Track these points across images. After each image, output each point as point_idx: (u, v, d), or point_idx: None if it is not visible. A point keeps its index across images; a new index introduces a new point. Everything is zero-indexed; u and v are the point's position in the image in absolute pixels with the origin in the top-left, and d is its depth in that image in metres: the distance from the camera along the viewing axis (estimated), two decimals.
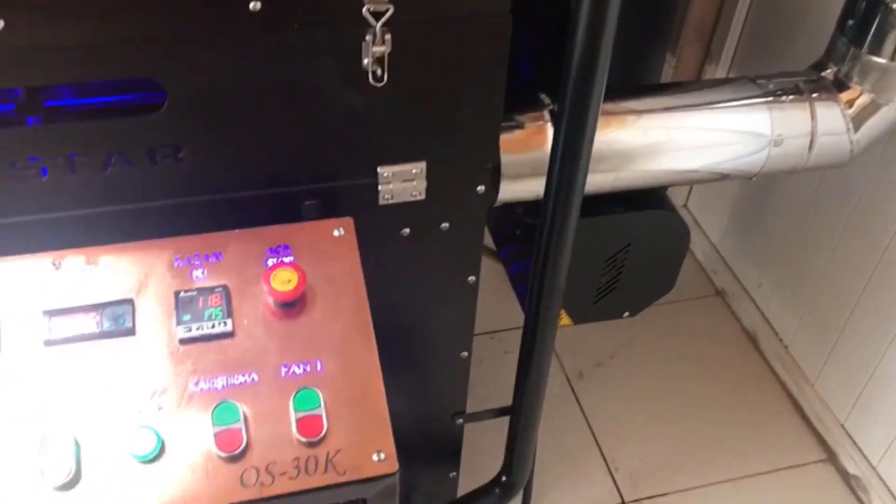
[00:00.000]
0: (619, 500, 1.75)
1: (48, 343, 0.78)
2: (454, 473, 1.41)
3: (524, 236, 1.39)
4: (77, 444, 0.74)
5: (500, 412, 1.27)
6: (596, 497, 1.75)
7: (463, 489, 1.45)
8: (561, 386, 1.95)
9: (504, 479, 1.35)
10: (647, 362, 2.01)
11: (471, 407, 1.32)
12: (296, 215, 0.90)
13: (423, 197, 0.96)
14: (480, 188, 0.99)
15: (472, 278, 1.09)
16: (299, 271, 0.82)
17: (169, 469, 0.75)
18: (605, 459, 1.82)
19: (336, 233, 0.88)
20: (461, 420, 1.29)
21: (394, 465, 0.78)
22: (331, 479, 0.76)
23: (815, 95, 1.23)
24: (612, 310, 1.43)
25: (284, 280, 0.81)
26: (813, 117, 1.22)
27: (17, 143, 0.83)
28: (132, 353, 0.79)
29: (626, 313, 1.45)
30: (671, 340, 2.06)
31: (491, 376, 1.74)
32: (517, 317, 2.21)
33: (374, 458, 0.78)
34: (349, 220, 0.89)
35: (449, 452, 1.36)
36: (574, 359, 2.01)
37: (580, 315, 1.39)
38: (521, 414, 1.24)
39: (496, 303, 1.76)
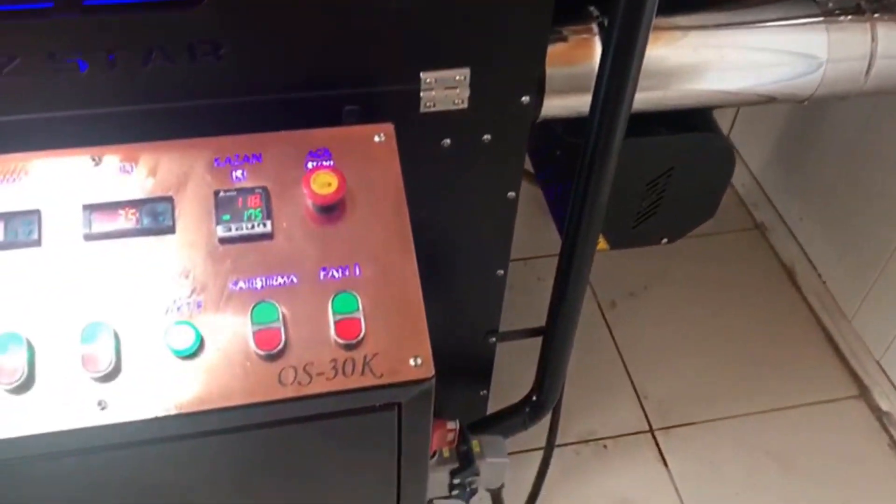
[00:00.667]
0: (647, 428, 1.75)
1: (88, 238, 0.78)
2: (484, 392, 1.41)
3: (564, 157, 1.36)
4: (117, 338, 0.74)
5: (534, 332, 1.27)
6: (624, 423, 1.76)
7: (492, 409, 1.46)
8: (593, 314, 1.95)
9: (534, 398, 1.36)
10: (681, 294, 2.00)
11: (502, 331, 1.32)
12: (336, 121, 0.89)
13: (465, 106, 0.94)
14: (525, 99, 0.96)
15: (511, 194, 1.07)
16: (339, 175, 0.81)
17: (207, 365, 0.75)
18: (634, 387, 1.82)
19: (377, 138, 0.86)
20: (494, 339, 1.29)
21: (430, 371, 0.78)
22: (367, 381, 0.77)
23: (877, 16, 1.18)
24: (650, 235, 1.41)
25: (324, 183, 0.80)
26: (873, 39, 1.17)
27: (55, 36, 0.81)
28: (171, 250, 0.78)
29: (665, 240, 1.43)
30: (706, 272, 2.03)
31: (523, 302, 1.73)
32: (550, 244, 2.19)
33: (411, 362, 0.78)
34: (390, 126, 0.87)
35: (480, 371, 1.36)
36: (607, 288, 2.00)
37: (618, 239, 1.37)
38: (554, 334, 1.23)
39: (530, 229, 1.75)
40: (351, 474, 0.89)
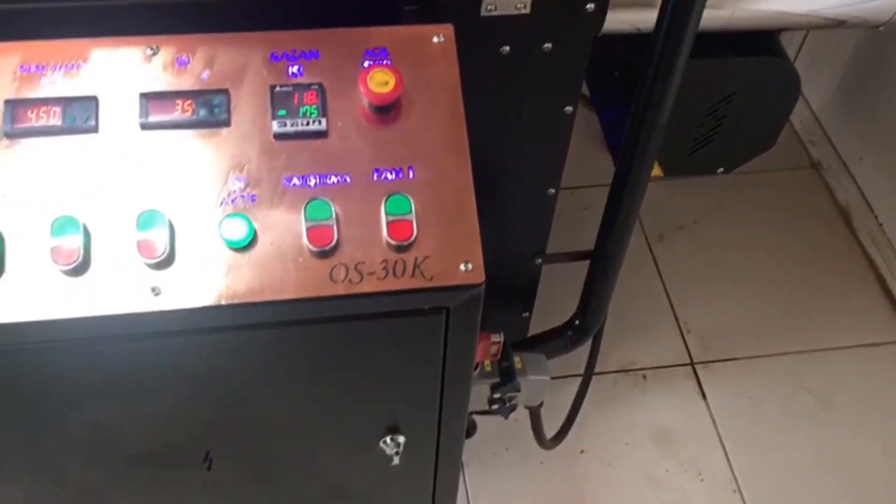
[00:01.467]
0: (688, 361, 1.75)
1: (144, 126, 0.78)
2: (526, 314, 1.41)
3: (623, 79, 1.32)
4: (171, 227, 0.75)
5: (581, 256, 1.26)
6: (664, 355, 1.75)
7: (532, 332, 1.46)
8: (639, 246, 1.93)
9: (577, 323, 1.35)
10: (731, 229, 1.96)
11: None
12: (394, 21, 0.86)
13: (527, 10, 0.91)
14: (589, 6, 0.93)
15: (569, 108, 1.04)
16: (397, 74, 0.79)
17: (260, 258, 0.75)
18: (677, 320, 1.81)
19: (435, 39, 0.84)
20: (540, 260, 1.27)
21: (480, 276, 0.77)
22: (417, 283, 0.76)
23: None
24: (706, 164, 1.37)
25: (381, 82, 0.79)
26: None
27: None
28: (226, 144, 0.78)
29: (721, 169, 1.39)
30: (758, 209, 1.99)
31: (569, 231, 1.72)
32: (598, 174, 2.16)
33: (462, 267, 0.77)
34: (449, 27, 0.84)
35: (524, 292, 1.36)
36: (656, 221, 1.97)
37: (673, 166, 1.34)
38: (602, 259, 1.22)
39: (578, 158, 1.72)
40: (395, 377, 0.90)
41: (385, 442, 0.97)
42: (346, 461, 1.02)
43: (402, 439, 0.98)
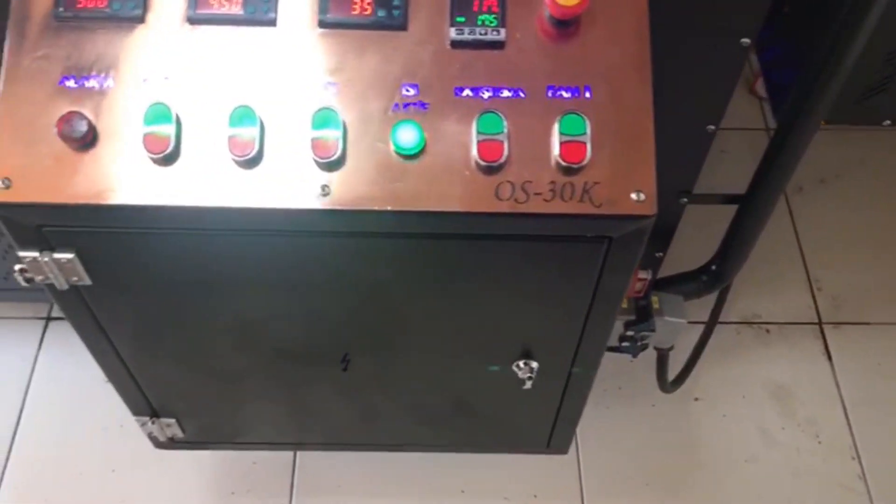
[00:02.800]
0: (816, 319, 1.67)
1: (322, 24, 0.77)
2: (660, 253, 1.37)
3: (794, 15, 1.24)
4: (344, 127, 0.74)
5: (730, 199, 1.20)
6: (791, 311, 1.68)
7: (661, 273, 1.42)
8: None
9: (713, 268, 1.31)
10: (875, 186, 1.84)
11: None
12: None
13: None
14: None
15: (746, 41, 0.98)
16: None
17: (427, 167, 0.74)
18: (808, 276, 1.73)
19: None
20: (686, 199, 1.23)
21: (652, 208, 0.74)
22: (584, 208, 0.74)
23: None
24: (873, 113, 1.28)
25: None
26: None
27: None
28: (402, 47, 0.76)
29: (888, 122, 1.30)
30: None
31: (702, 173, 1.65)
32: (739, 115, 2.05)
33: (633, 196, 0.74)
34: None
35: (662, 230, 1.31)
36: (796, 171, 1.87)
37: (837, 114, 1.25)
38: (753, 204, 1.16)
39: None
40: (542, 301, 0.88)
41: (518, 365, 0.97)
42: (476, 378, 1.02)
43: (535, 365, 0.97)
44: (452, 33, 0.76)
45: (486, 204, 0.74)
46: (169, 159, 0.73)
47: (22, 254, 0.78)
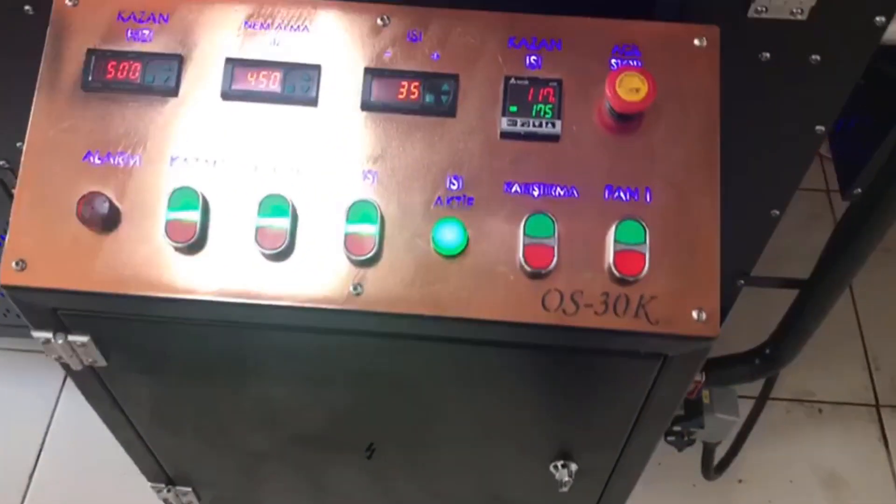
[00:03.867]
0: (873, 401, 1.58)
1: (365, 106, 0.71)
2: None
3: (872, 88, 1.16)
4: (382, 221, 0.69)
5: (792, 283, 1.12)
6: (846, 391, 1.59)
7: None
8: None
9: (768, 352, 1.22)
10: None
11: None
12: (648, 13, 0.76)
13: (804, 17, 0.77)
14: (879, 19, 0.79)
15: (820, 128, 0.90)
16: (650, 80, 0.68)
17: (469, 269, 0.68)
18: (866, 353, 1.63)
19: (697, 42, 0.72)
20: (743, 282, 1.15)
21: (715, 329, 0.67)
22: (639, 325, 0.67)
23: None
24: None
25: (632, 88, 0.69)
26: None
27: None
28: (449, 136, 0.71)
29: None
30: None
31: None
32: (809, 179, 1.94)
33: (694, 315, 0.67)
34: (715, 30, 0.73)
35: None
36: None
37: None
38: (819, 290, 1.08)
39: None
40: (585, 409, 0.82)
41: (556, 466, 0.90)
42: (509, 475, 0.96)
43: (574, 467, 0.90)
44: (504, 123, 0.71)
45: (530, 314, 0.68)
46: (193, 248, 0.68)
47: (35, 334, 0.74)
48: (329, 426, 0.89)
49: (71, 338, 0.74)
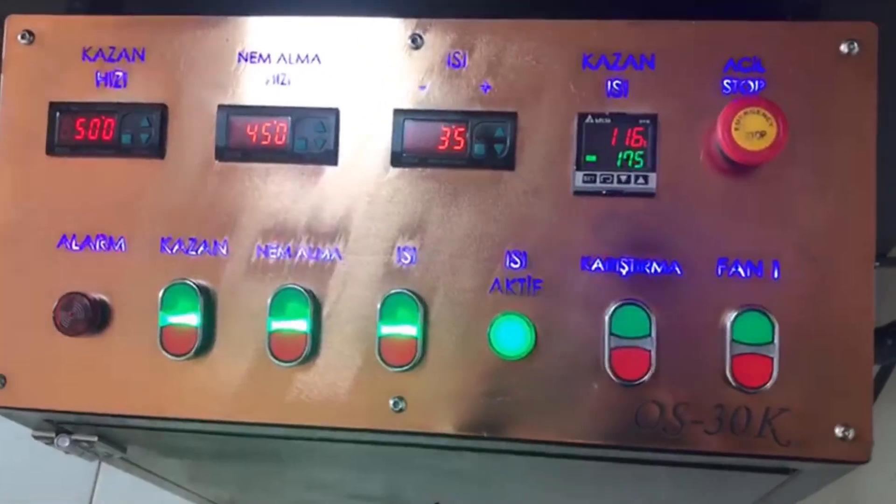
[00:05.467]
0: None
1: (396, 162, 0.55)
2: None
3: None
4: (425, 317, 0.53)
5: None
6: None
7: None
8: None
9: None
10: None
11: None
12: (769, 11, 0.55)
13: None
14: None
15: None
16: (780, 120, 0.50)
17: (539, 376, 0.53)
18: None
19: (844, 48, 0.53)
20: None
21: (865, 451, 0.51)
22: (764, 447, 0.52)
23: None
24: None
25: (754, 130, 0.50)
26: None
27: None
28: (506, 197, 0.54)
29: None
30: None
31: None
32: None
33: (838, 432, 0.51)
34: (871, 29, 0.53)
35: None
36: None
37: None
38: None
39: None
40: None
41: None
42: None
43: None
44: (579, 178, 0.53)
45: (621, 434, 0.53)
46: (195, 357, 0.56)
47: (36, 435, 0.64)
48: (387, 490, 0.78)
49: (76, 437, 0.64)
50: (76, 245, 0.57)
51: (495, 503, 0.80)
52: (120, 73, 0.58)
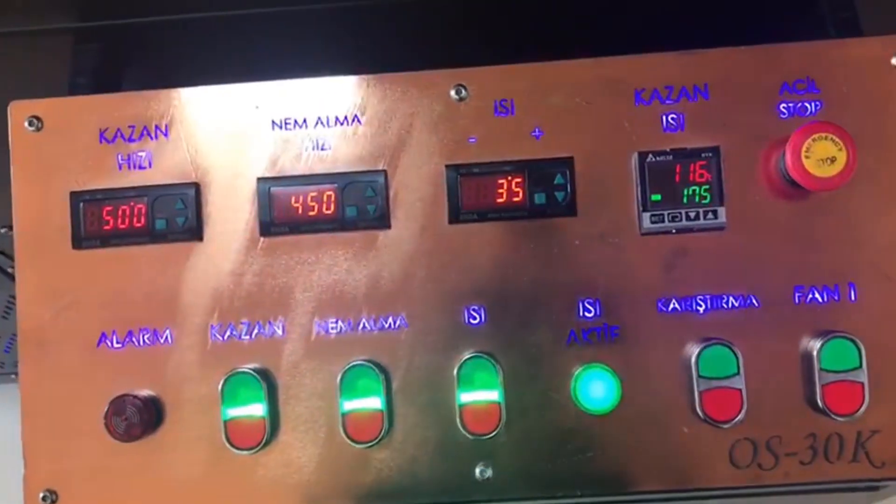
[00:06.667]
0: None
1: (455, 218, 0.52)
2: None
3: None
4: (503, 383, 0.51)
5: None
6: None
7: None
8: None
9: None
10: None
11: None
12: (819, 27, 0.55)
13: None
14: None
15: None
16: (848, 143, 0.49)
17: (627, 426, 0.52)
18: None
19: (895, 60, 0.52)
20: None
21: None
22: (859, 471, 0.51)
23: None
24: None
25: (825, 156, 0.49)
26: None
27: None
28: (571, 244, 0.52)
29: None
30: None
31: None
32: None
33: None
34: None
35: None
36: None
37: None
38: None
39: None
40: None
41: None
42: None
43: None
44: (646, 220, 0.52)
45: (716, 475, 0.51)
46: (263, 448, 0.52)
47: None
48: None
49: None
50: (117, 342, 0.53)
51: None
52: (143, 154, 0.54)
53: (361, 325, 0.53)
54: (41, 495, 0.53)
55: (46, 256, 0.54)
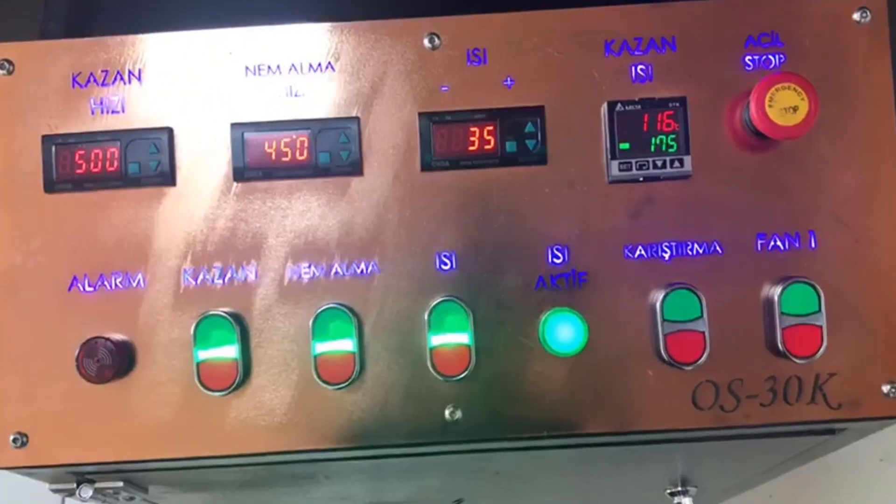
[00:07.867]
0: None
1: (427, 166, 0.53)
2: None
3: None
4: (474, 325, 0.52)
5: None
6: None
7: None
8: None
9: None
10: None
11: None
12: None
13: None
14: None
15: None
16: (811, 93, 0.50)
17: (593, 369, 0.53)
18: None
19: (857, 16, 0.54)
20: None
21: None
22: (817, 413, 0.53)
23: None
24: None
25: (787, 105, 0.50)
26: None
27: None
28: (542, 191, 0.53)
29: None
30: None
31: None
32: None
33: (885, 389, 0.53)
34: None
35: None
36: None
37: None
38: None
39: None
40: (722, 467, 0.70)
41: (673, 493, 0.79)
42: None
43: (693, 490, 0.79)
44: (615, 167, 0.53)
45: (679, 417, 0.53)
46: (236, 390, 0.53)
47: (54, 489, 0.60)
48: (412, 493, 0.77)
49: (100, 485, 0.60)
50: (89, 286, 0.53)
51: (519, 493, 0.80)
52: (116, 98, 0.54)
53: (334, 271, 0.53)
54: (11, 437, 0.53)
55: (17, 200, 0.53)
